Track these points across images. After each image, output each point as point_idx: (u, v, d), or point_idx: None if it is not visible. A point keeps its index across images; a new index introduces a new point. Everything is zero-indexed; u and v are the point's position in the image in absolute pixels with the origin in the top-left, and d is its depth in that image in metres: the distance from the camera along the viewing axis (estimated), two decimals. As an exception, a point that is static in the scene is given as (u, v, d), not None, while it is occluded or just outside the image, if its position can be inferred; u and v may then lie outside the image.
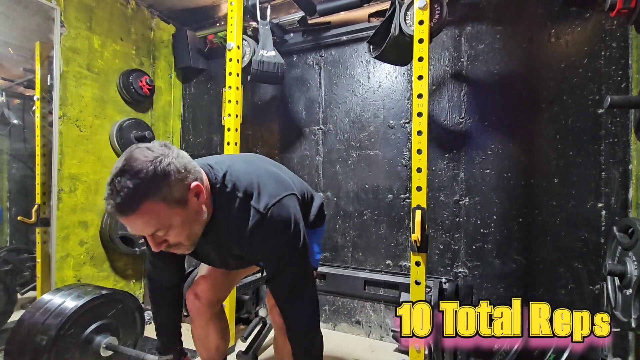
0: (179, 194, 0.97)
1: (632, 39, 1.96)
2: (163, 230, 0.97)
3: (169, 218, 0.96)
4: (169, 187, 0.94)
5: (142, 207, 0.91)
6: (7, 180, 2.62)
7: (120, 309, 1.80)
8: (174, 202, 0.96)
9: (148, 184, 0.90)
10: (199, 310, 1.48)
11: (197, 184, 1.01)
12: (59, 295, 1.66)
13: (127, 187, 0.89)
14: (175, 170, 0.95)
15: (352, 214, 2.70)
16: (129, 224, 0.94)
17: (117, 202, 0.89)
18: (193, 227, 1.04)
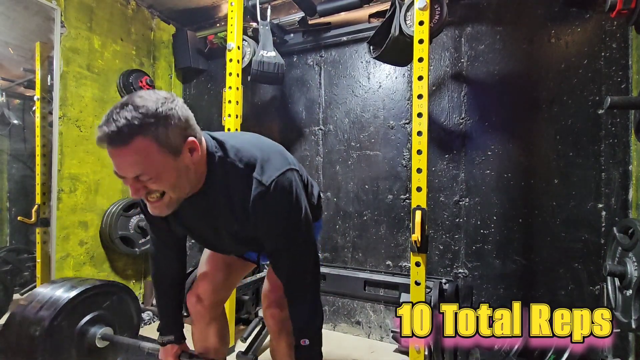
0: (174, 141, 0.93)
1: (632, 40, 1.96)
2: (147, 176, 0.92)
3: (157, 163, 0.92)
4: (165, 129, 0.91)
5: (133, 142, 0.87)
6: (7, 181, 2.62)
7: (115, 301, 1.76)
8: (166, 147, 0.92)
9: (146, 120, 0.87)
10: (201, 313, 1.47)
11: (193, 140, 0.99)
12: (51, 288, 1.64)
13: (125, 117, 0.86)
14: (177, 116, 0.93)
15: (352, 214, 2.70)
16: (117, 158, 0.91)
17: (110, 130, 0.86)
18: (179, 182, 0.99)
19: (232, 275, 1.54)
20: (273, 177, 1.05)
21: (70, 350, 1.59)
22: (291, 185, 1.09)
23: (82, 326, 1.62)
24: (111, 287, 1.79)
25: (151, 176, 0.93)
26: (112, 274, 2.87)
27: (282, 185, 1.06)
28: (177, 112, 0.94)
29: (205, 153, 1.06)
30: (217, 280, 1.47)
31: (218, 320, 1.53)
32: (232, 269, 1.52)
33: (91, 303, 1.67)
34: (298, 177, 1.16)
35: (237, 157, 1.08)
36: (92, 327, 1.65)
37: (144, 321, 2.80)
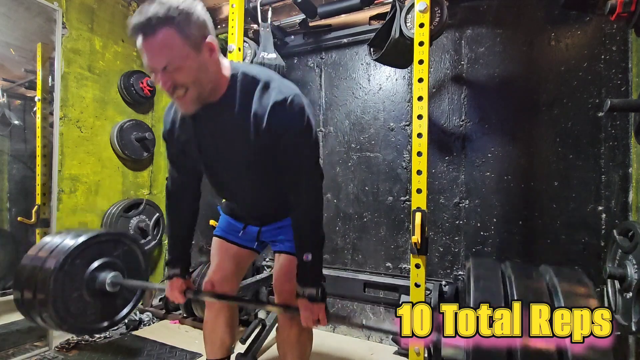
0: (195, 36, 1.05)
1: (632, 43, 1.96)
2: (173, 65, 1.03)
3: (180, 53, 1.03)
4: (187, 23, 1.02)
5: (159, 32, 1.00)
6: (7, 181, 2.62)
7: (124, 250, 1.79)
8: (188, 40, 1.03)
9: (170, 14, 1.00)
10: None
11: (212, 42, 1.10)
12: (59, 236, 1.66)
13: (152, 11, 0.99)
14: (197, 15, 1.05)
15: (352, 216, 2.70)
16: (146, 47, 1.02)
17: (139, 22, 1.00)
18: (200, 76, 1.09)
19: (240, 265, 1.62)
20: (291, 93, 1.15)
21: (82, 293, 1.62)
22: (304, 106, 1.18)
23: (93, 271, 1.65)
24: (120, 236, 1.82)
25: (176, 66, 1.04)
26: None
27: (299, 102, 1.16)
28: (197, 12, 1.06)
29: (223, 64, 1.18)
30: (227, 269, 1.56)
31: (227, 311, 1.60)
32: (238, 259, 1.59)
33: (100, 250, 1.70)
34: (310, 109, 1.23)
35: (258, 74, 1.19)
36: (102, 273, 1.67)
37: (144, 322, 2.79)
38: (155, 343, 2.45)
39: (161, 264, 3.29)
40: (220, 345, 1.60)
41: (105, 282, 1.65)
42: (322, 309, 1.25)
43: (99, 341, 2.46)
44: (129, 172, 3.00)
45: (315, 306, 1.25)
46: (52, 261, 1.53)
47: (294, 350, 1.48)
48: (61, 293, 1.53)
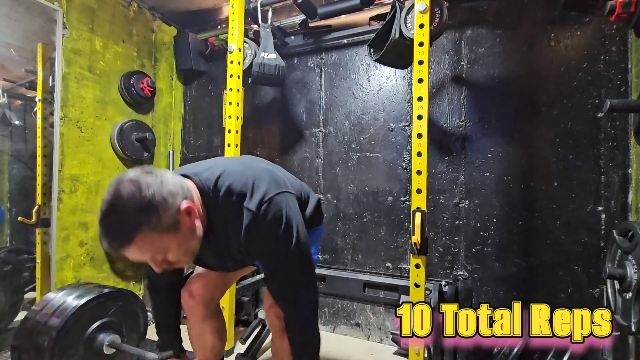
0: (169, 220, 0.97)
1: (632, 43, 1.97)
2: (160, 254, 1.01)
3: (163, 244, 0.99)
4: (157, 217, 0.94)
5: (135, 241, 0.93)
6: (7, 181, 2.62)
7: (121, 307, 1.80)
8: (165, 230, 0.97)
9: (136, 220, 0.92)
10: (193, 309, 1.49)
11: (187, 205, 1.01)
12: (61, 295, 1.68)
13: (115, 230, 0.93)
14: (162, 199, 0.95)
15: (352, 216, 2.70)
16: (128, 255, 0.97)
17: (111, 242, 0.94)
18: (189, 245, 1.06)
19: (227, 275, 1.55)
20: (262, 203, 1.09)
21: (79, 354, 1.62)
22: (281, 210, 1.12)
23: (90, 333, 1.66)
24: (118, 294, 1.82)
25: (163, 254, 1.01)
26: (112, 275, 2.87)
27: (272, 212, 1.10)
28: (161, 195, 0.95)
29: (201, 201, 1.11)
30: (210, 277, 1.49)
31: (213, 317, 1.54)
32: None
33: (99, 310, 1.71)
34: (289, 198, 1.18)
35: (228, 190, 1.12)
36: (100, 334, 1.69)
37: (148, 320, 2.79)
38: (154, 343, 2.44)
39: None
40: (211, 349, 1.56)
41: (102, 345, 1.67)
42: None
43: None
44: (129, 173, 2.99)
45: None
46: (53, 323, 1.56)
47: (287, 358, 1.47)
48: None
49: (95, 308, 1.69)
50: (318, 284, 2.63)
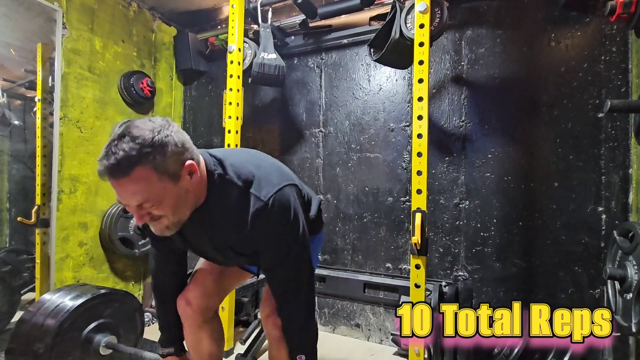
0: (173, 167, 0.96)
1: (632, 44, 1.96)
2: (149, 202, 0.96)
3: (157, 190, 0.95)
4: (163, 157, 0.93)
5: (133, 173, 0.90)
6: (7, 181, 2.62)
7: (118, 308, 1.80)
8: (166, 174, 0.95)
9: (144, 151, 0.90)
10: (190, 317, 1.46)
11: (191, 163, 1.00)
12: (57, 295, 1.67)
13: (123, 150, 0.89)
14: (173, 143, 0.95)
15: (352, 216, 2.69)
16: (119, 189, 0.94)
17: (110, 164, 0.89)
18: (180, 205, 1.02)
19: (225, 282, 1.53)
20: (271, 193, 1.08)
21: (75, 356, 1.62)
22: (289, 201, 1.11)
23: (87, 334, 1.66)
24: (115, 295, 1.82)
25: (153, 203, 0.96)
26: (112, 275, 2.86)
27: (280, 202, 1.09)
28: (173, 139, 0.96)
29: (205, 172, 1.08)
30: (207, 285, 1.46)
31: (210, 324, 1.51)
32: (226, 275, 1.52)
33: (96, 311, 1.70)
34: (296, 193, 1.17)
35: (235, 174, 1.10)
36: (97, 335, 1.68)
37: (145, 321, 2.78)
38: (154, 343, 2.44)
39: (161, 264, 3.28)
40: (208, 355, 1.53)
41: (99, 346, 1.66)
42: None
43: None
44: (129, 173, 2.99)
45: None
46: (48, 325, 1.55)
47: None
48: None
49: (91, 309, 1.68)
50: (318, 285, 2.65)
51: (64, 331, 1.56)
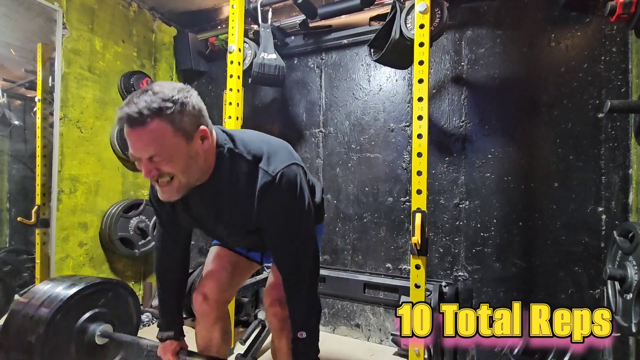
0: (188, 126, 1.00)
1: (632, 44, 1.96)
2: (160, 157, 0.98)
3: (170, 144, 0.98)
4: (181, 115, 0.98)
5: (151, 123, 0.94)
6: (7, 181, 2.62)
7: (112, 298, 1.78)
8: (180, 132, 0.98)
9: (163, 105, 0.95)
10: (206, 311, 1.48)
11: (205, 129, 1.05)
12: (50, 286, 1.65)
13: (145, 101, 0.94)
14: (191, 105, 1.01)
15: (352, 216, 2.69)
16: (134, 138, 0.97)
17: (130, 111, 0.93)
18: (189, 167, 1.04)
19: (237, 275, 1.56)
20: (279, 168, 1.10)
21: (70, 347, 1.60)
22: (296, 177, 1.13)
23: (81, 323, 1.63)
24: (109, 285, 1.80)
25: (164, 157, 0.98)
26: (112, 275, 2.86)
27: (288, 177, 1.11)
28: (192, 101, 1.01)
29: (215, 144, 1.12)
30: (222, 279, 1.49)
31: (223, 320, 1.54)
32: (237, 268, 1.54)
33: (90, 300, 1.68)
34: (303, 173, 1.19)
35: (245, 149, 1.13)
36: (92, 325, 1.66)
37: (143, 322, 2.79)
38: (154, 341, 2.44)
39: (161, 264, 3.28)
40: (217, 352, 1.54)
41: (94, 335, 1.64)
42: None
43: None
44: (128, 173, 3.00)
45: None
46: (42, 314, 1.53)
47: (285, 359, 1.45)
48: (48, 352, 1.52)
49: (85, 299, 1.65)
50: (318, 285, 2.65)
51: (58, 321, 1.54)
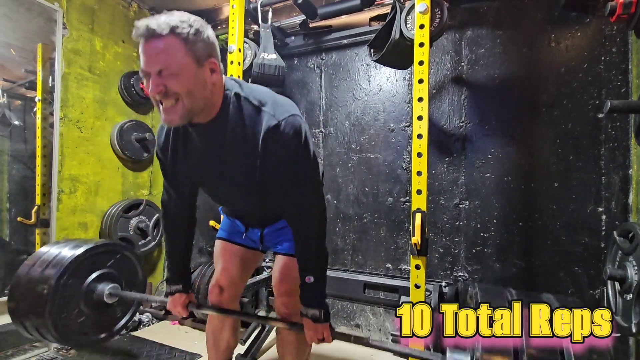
0: (200, 52, 1.04)
1: (632, 44, 1.96)
2: (169, 71, 1.00)
3: (180, 61, 1.01)
4: (195, 38, 1.02)
5: (166, 38, 0.99)
6: (7, 181, 2.61)
7: (119, 260, 1.79)
8: (192, 53, 1.02)
9: (181, 25, 1.00)
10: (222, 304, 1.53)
11: (215, 62, 1.08)
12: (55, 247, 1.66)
13: (165, 18, 1.00)
14: (207, 35, 1.06)
15: (352, 217, 2.69)
16: (148, 49, 1.01)
17: (150, 23, 0.99)
18: (196, 91, 1.05)
19: (246, 267, 1.60)
20: (285, 115, 1.11)
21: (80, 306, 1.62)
22: (301, 126, 1.13)
23: (90, 283, 1.65)
24: (116, 247, 1.82)
25: (172, 72, 1.00)
26: (111, 276, 2.86)
27: (293, 124, 1.11)
28: (208, 32, 1.07)
29: (223, 86, 1.14)
30: (233, 272, 1.54)
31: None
32: (244, 261, 1.57)
33: (96, 261, 1.70)
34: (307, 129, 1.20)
35: (251, 95, 1.15)
36: (100, 284, 1.67)
37: (143, 323, 2.79)
38: (154, 344, 2.44)
39: (161, 264, 3.28)
40: (225, 349, 1.60)
41: (103, 294, 1.65)
42: (327, 328, 1.26)
43: (99, 342, 2.45)
44: (129, 173, 3.00)
45: (320, 326, 1.25)
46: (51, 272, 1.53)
47: (292, 351, 1.48)
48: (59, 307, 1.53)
49: (92, 259, 1.67)
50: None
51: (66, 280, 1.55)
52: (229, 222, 1.58)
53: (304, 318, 1.27)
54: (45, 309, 1.48)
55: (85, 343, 1.72)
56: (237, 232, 1.55)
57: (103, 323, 1.73)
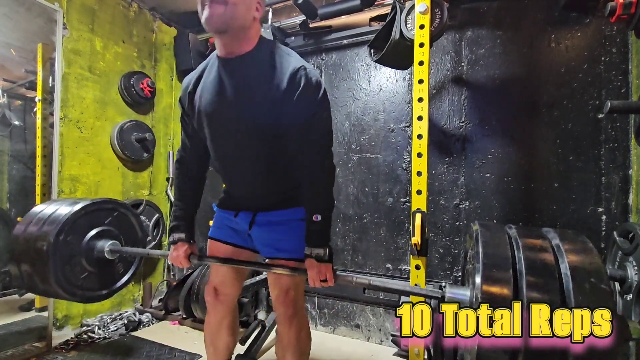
0: None
1: (632, 45, 1.97)
2: None
3: None
4: None
5: None
6: (7, 181, 2.62)
7: (117, 217, 1.79)
8: None
9: None
10: (217, 307, 1.53)
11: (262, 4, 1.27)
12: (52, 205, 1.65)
13: None
14: None
15: (352, 217, 2.69)
16: None
17: None
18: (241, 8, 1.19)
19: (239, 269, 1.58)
20: (311, 68, 1.25)
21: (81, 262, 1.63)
22: (322, 83, 1.27)
23: (89, 240, 1.65)
24: (112, 204, 1.81)
25: None
26: (111, 276, 2.86)
27: (316, 77, 1.25)
28: None
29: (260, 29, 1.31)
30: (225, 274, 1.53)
31: (231, 314, 1.58)
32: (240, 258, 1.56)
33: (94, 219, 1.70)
34: None
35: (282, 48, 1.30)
36: (100, 241, 1.68)
37: (143, 323, 2.79)
38: (154, 344, 2.44)
39: (161, 264, 3.28)
40: (223, 349, 1.59)
41: (104, 250, 1.65)
42: (330, 269, 1.28)
43: (99, 342, 2.45)
44: (129, 173, 3.00)
45: (323, 266, 1.27)
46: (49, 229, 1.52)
47: (293, 350, 1.48)
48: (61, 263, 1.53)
49: (89, 216, 1.66)
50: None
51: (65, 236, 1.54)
52: (220, 215, 1.54)
53: (307, 259, 1.29)
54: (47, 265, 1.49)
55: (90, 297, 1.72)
56: (228, 228, 1.51)
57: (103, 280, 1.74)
